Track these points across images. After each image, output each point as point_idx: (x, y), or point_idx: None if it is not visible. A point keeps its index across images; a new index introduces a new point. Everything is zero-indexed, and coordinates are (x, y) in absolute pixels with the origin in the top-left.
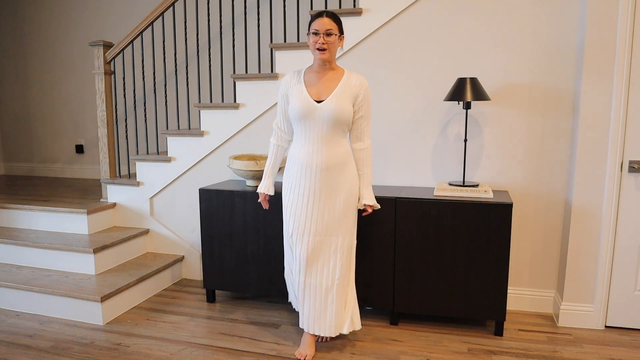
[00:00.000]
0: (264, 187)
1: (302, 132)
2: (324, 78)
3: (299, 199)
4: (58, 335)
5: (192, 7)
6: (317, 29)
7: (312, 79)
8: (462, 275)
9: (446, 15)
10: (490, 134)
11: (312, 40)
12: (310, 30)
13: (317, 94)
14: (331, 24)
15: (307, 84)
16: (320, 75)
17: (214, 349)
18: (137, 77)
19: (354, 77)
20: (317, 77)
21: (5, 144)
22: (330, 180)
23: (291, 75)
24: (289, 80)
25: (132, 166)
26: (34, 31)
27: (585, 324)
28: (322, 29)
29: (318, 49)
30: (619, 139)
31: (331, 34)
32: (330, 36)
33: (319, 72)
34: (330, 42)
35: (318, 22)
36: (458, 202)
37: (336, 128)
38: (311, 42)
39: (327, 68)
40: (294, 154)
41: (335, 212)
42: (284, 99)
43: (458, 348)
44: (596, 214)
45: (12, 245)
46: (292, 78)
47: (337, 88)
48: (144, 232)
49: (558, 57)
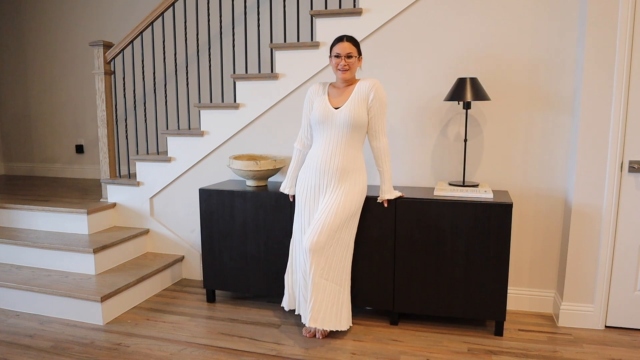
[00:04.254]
0: (287, 187)
1: (321, 136)
2: (344, 91)
3: (313, 196)
4: (58, 335)
5: (192, 7)
6: (338, 52)
7: (334, 92)
8: (462, 275)
9: (446, 15)
10: (490, 134)
11: (335, 62)
12: (332, 54)
13: (336, 103)
14: (351, 48)
15: (330, 95)
16: (341, 90)
17: (214, 349)
18: (137, 77)
19: (366, 82)
20: (338, 91)
21: (5, 144)
22: (343, 182)
23: (317, 86)
24: (316, 89)
25: (132, 166)
26: (34, 31)
27: (585, 324)
28: (343, 53)
29: (340, 69)
30: (619, 139)
31: (351, 56)
32: (351, 58)
33: (340, 88)
34: (351, 64)
35: (339, 46)
36: (458, 202)
37: (352, 133)
38: (333, 64)
39: (347, 84)
40: (312, 156)
41: (344, 213)
42: (310, 105)
43: (458, 348)
44: (596, 214)
45: (12, 245)
46: (318, 88)
47: (352, 95)
48: (144, 232)
49: (558, 57)
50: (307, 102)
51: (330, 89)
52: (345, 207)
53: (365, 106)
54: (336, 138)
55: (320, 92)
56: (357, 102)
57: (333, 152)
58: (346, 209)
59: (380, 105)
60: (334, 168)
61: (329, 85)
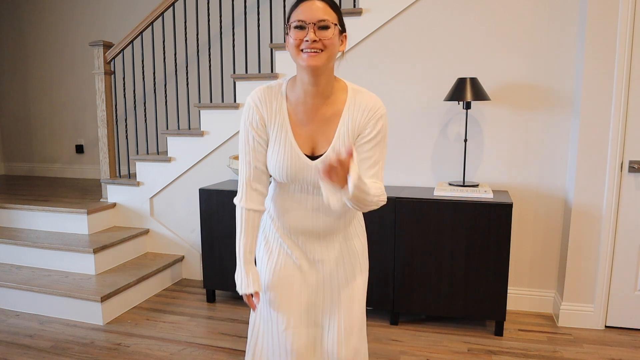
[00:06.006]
0: (244, 284)
1: (288, 191)
2: (318, 112)
3: (286, 279)
4: (58, 335)
5: (192, 7)
6: (302, 18)
7: (299, 110)
8: (462, 275)
9: (446, 15)
10: (490, 134)
11: (294, 38)
12: (291, 23)
13: (310, 142)
14: (326, 11)
15: (293, 121)
16: (312, 105)
17: (214, 349)
18: (137, 77)
19: (362, 100)
20: (307, 107)
21: (5, 144)
22: (342, 248)
23: (264, 94)
24: (263, 103)
25: (132, 166)
26: (34, 31)
27: (585, 324)
28: (311, 18)
29: (304, 50)
30: (619, 139)
31: (326, 26)
32: (326, 30)
33: (309, 96)
34: (326, 40)
35: (305, 7)
36: (458, 202)
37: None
38: (291, 42)
39: (322, 88)
40: (274, 213)
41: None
42: (256, 134)
43: (458, 348)
44: (596, 214)
45: (12, 245)
46: (267, 100)
47: (338, 129)
48: (144, 232)
49: (558, 57)
50: (247, 125)
51: (291, 98)
52: (363, 285)
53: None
54: (314, 198)
55: (274, 109)
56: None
57: (311, 215)
58: (363, 286)
59: (383, 147)
60: (322, 232)
61: (285, 91)
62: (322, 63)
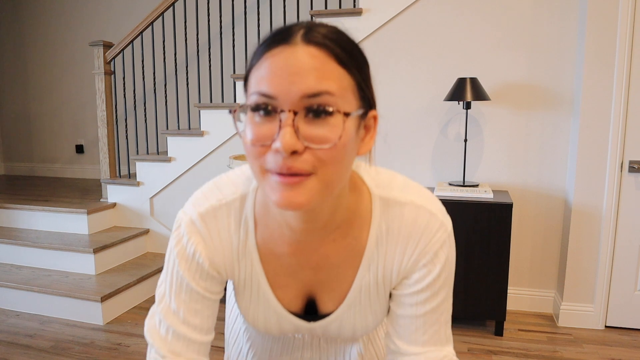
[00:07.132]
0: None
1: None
2: (317, 252)
3: None
4: (58, 335)
5: (192, 7)
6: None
7: (282, 251)
8: (462, 275)
9: (446, 15)
10: (490, 134)
11: (252, 137)
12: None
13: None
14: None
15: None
16: (305, 243)
17: (214, 348)
18: (137, 77)
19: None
20: (296, 248)
21: (5, 144)
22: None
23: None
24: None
25: (132, 166)
26: (34, 31)
27: (585, 324)
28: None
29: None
30: (619, 139)
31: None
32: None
33: (298, 234)
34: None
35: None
36: (458, 202)
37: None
38: (247, 144)
39: (321, 223)
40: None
41: None
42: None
43: (458, 348)
44: (596, 214)
45: (12, 245)
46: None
47: (357, 280)
48: (144, 232)
49: (558, 57)
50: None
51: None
52: None
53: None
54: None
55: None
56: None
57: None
58: None
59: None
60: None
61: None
62: (314, 199)
